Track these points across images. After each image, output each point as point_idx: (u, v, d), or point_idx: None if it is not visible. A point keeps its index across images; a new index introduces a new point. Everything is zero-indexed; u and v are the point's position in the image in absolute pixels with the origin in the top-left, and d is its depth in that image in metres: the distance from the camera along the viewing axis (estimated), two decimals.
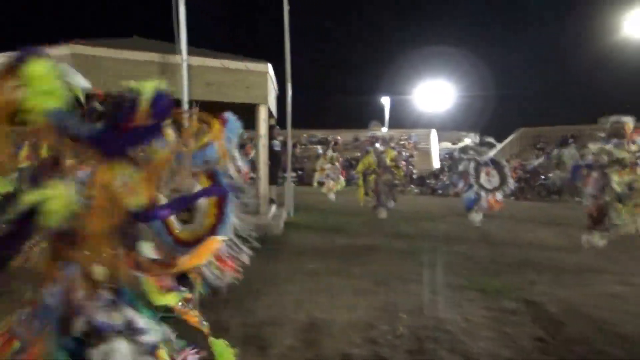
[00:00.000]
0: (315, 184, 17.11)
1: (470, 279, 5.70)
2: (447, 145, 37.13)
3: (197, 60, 8.15)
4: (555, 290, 5.21)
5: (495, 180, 10.07)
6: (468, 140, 34.49)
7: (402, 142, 32.02)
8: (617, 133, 6.96)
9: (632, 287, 5.23)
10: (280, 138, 12.68)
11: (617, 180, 6.68)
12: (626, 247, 7.13)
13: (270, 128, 10.75)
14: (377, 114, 42.55)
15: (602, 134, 7.17)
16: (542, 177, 18.88)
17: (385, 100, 43.10)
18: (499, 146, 10.35)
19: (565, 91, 48.36)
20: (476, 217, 10.04)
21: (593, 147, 7.00)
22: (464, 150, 10.97)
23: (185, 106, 7.17)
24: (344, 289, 5.24)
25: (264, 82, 9.15)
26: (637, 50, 27.62)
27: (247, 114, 9.79)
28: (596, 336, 3.87)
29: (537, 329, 4.02)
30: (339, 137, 35.75)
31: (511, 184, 10.30)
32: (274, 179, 11.55)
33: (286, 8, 11.18)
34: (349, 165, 24.08)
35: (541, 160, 19.68)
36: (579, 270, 6.13)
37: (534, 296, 4.97)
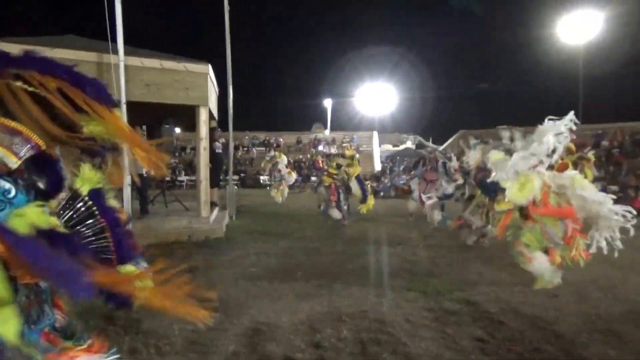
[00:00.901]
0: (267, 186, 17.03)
1: (412, 280, 5.78)
2: (389, 147, 37.79)
3: (135, 61, 7.90)
4: (494, 290, 5.35)
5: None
6: (409, 143, 35.24)
7: (344, 145, 32.36)
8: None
9: (565, 285, 5.43)
10: (222, 140, 12.51)
11: None
12: None
13: (212, 130, 10.59)
14: (319, 117, 43.02)
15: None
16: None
17: (328, 103, 43.55)
18: (454, 160, 10.62)
19: (505, 93, 50.34)
20: (437, 216, 10.21)
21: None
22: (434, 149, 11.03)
23: (123, 107, 6.96)
24: (287, 293, 5.19)
25: (204, 83, 8.98)
26: (570, 54, 29.04)
27: (187, 115, 9.65)
28: (533, 335, 3.99)
29: (477, 329, 4.11)
30: (281, 139, 35.76)
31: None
32: (215, 182, 11.39)
33: (226, 9, 11.05)
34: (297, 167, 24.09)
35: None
36: (517, 270, 6.30)
37: (474, 296, 5.09)
